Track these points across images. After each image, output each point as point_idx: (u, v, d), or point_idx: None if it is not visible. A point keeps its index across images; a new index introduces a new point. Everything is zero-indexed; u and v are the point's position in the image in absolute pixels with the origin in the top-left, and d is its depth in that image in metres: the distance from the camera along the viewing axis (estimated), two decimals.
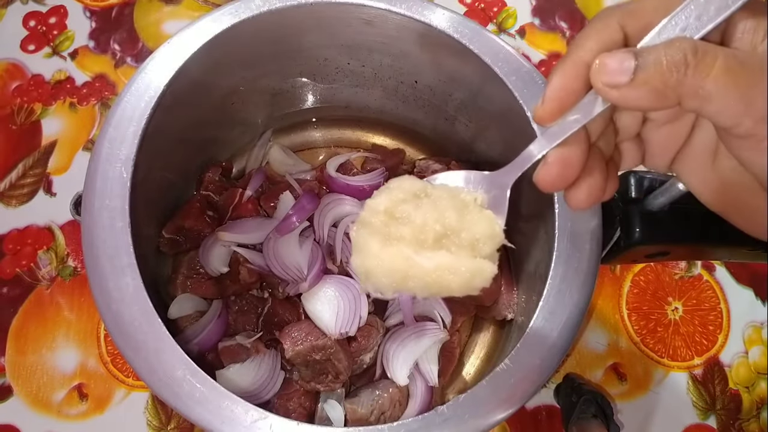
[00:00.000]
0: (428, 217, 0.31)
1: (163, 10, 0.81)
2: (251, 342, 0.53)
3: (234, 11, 0.48)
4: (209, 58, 0.48)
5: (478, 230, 0.31)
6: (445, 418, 0.39)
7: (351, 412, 0.53)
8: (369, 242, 0.31)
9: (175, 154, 0.55)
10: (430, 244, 0.31)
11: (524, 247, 0.57)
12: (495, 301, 0.58)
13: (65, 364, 0.64)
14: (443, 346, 0.57)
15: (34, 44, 0.78)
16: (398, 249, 0.31)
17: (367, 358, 0.55)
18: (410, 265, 0.30)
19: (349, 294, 0.54)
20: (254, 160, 0.65)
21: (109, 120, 0.45)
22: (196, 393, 0.39)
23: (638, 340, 0.68)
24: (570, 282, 0.43)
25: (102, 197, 0.42)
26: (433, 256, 0.31)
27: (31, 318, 0.66)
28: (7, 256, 0.68)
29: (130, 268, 0.41)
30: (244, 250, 0.56)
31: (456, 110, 0.59)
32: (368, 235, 0.31)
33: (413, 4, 0.49)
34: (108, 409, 0.63)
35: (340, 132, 0.70)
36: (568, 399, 0.62)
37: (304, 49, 0.55)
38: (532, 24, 0.83)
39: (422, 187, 0.32)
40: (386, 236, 0.31)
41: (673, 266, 0.72)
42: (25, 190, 0.71)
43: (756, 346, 0.69)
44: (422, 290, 0.31)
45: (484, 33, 0.49)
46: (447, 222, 0.31)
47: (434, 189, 0.32)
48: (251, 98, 0.60)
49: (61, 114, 0.75)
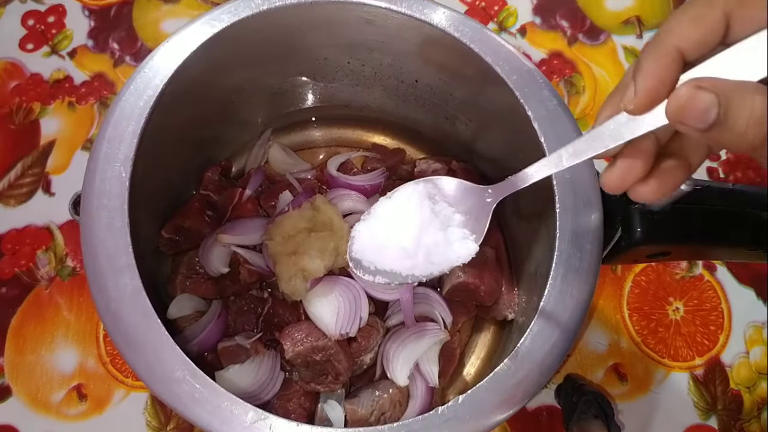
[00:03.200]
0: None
1: (162, 9, 0.81)
2: (251, 342, 0.53)
3: (233, 10, 0.48)
4: (208, 57, 0.48)
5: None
6: (446, 419, 0.39)
7: (351, 412, 0.52)
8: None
9: (175, 153, 0.55)
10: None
11: (525, 247, 0.57)
12: (496, 302, 0.58)
13: (64, 365, 0.64)
14: (444, 347, 0.57)
15: (33, 43, 0.78)
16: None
17: (367, 358, 0.55)
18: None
19: (350, 295, 0.53)
20: (254, 160, 0.65)
21: (107, 119, 0.45)
22: (196, 393, 0.38)
23: (639, 341, 0.68)
24: (571, 282, 0.43)
25: (101, 197, 0.42)
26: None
27: (30, 318, 0.65)
28: (6, 256, 0.68)
29: (129, 268, 0.41)
30: (244, 250, 0.56)
31: (456, 109, 0.59)
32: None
33: (414, 3, 0.48)
34: (107, 410, 0.63)
35: (340, 131, 0.69)
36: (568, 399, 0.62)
37: (303, 48, 0.55)
38: (533, 23, 0.83)
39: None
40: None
41: (674, 266, 0.72)
42: (24, 190, 0.71)
43: (757, 347, 0.69)
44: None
45: (484, 32, 0.49)
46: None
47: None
48: (251, 97, 0.60)
49: (60, 113, 0.74)
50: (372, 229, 0.39)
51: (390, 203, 0.39)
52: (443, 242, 0.37)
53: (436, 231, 0.37)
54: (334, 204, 0.58)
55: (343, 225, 0.55)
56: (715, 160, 0.77)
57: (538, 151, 0.47)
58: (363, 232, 0.39)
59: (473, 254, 0.37)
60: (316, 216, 0.56)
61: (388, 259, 0.38)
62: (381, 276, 0.38)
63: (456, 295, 0.58)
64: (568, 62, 0.81)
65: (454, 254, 0.38)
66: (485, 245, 0.59)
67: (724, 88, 0.24)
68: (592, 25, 0.83)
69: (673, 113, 0.25)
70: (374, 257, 0.38)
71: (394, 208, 0.39)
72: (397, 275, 0.38)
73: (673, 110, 0.25)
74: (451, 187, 0.38)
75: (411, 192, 0.39)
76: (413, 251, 0.37)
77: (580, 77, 0.80)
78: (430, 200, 0.38)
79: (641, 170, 0.30)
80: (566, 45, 0.82)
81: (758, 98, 0.23)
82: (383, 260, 0.38)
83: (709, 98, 0.24)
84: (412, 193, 0.38)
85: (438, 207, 0.38)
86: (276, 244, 0.54)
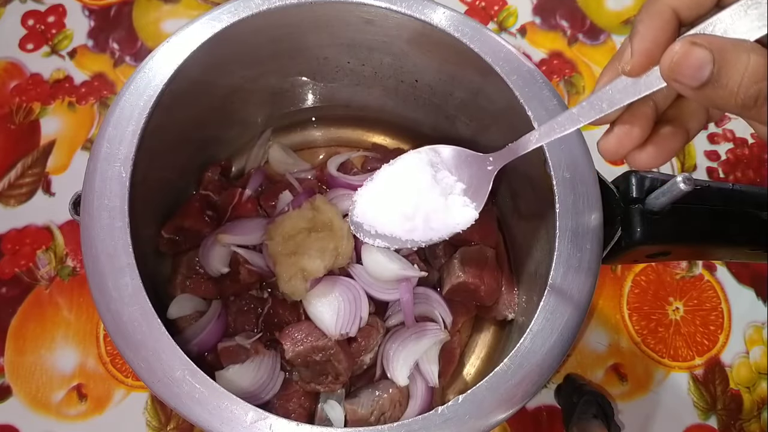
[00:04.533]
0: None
1: (162, 9, 0.81)
2: (251, 342, 0.53)
3: (233, 10, 0.48)
4: (208, 57, 0.48)
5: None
6: (446, 419, 0.39)
7: (351, 412, 0.52)
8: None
9: (175, 153, 0.55)
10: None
11: (525, 247, 0.57)
12: (495, 302, 0.58)
13: (64, 365, 0.64)
14: (443, 347, 0.57)
15: (33, 43, 0.78)
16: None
17: (367, 358, 0.55)
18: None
19: (350, 295, 0.53)
20: (254, 160, 0.65)
21: (108, 119, 0.45)
22: (196, 393, 0.38)
23: (639, 340, 0.68)
24: (571, 282, 0.43)
25: (101, 197, 0.42)
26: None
27: (30, 318, 0.65)
28: (6, 256, 0.68)
29: (129, 268, 0.41)
30: (244, 250, 0.56)
31: (456, 109, 0.59)
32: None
33: (413, 3, 0.48)
34: (107, 410, 0.63)
35: (340, 131, 0.69)
36: (568, 399, 0.62)
37: (303, 48, 0.55)
38: (533, 23, 0.83)
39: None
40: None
41: (674, 266, 0.72)
42: (24, 190, 0.71)
43: (757, 346, 0.69)
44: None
45: (484, 32, 0.49)
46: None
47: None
48: (251, 97, 0.60)
49: (60, 113, 0.74)
50: (373, 193, 0.40)
51: (392, 169, 0.40)
52: (442, 208, 0.38)
53: (436, 197, 0.38)
54: (334, 204, 0.58)
55: (343, 225, 0.55)
56: (715, 160, 0.77)
57: (538, 151, 0.47)
58: (364, 196, 0.40)
59: (472, 221, 0.38)
60: (316, 216, 0.56)
61: (387, 223, 0.39)
62: (381, 240, 0.39)
63: (456, 295, 0.58)
64: (568, 62, 0.81)
65: (453, 221, 0.38)
66: (485, 245, 0.59)
67: (720, 45, 0.24)
68: (592, 25, 0.83)
69: (667, 70, 0.25)
70: (374, 221, 0.39)
71: (396, 174, 0.40)
72: (396, 239, 0.39)
73: (667, 67, 0.25)
74: (453, 155, 0.39)
75: (412, 159, 0.39)
76: (411, 215, 0.38)
77: (580, 77, 0.80)
78: (432, 168, 0.39)
79: (638, 136, 0.30)
80: (566, 45, 0.82)
81: (753, 56, 0.24)
82: (383, 224, 0.39)
83: (704, 54, 0.24)
84: (413, 160, 0.39)
85: (440, 175, 0.39)
86: (276, 244, 0.54)
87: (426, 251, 0.61)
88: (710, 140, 0.78)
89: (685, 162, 0.77)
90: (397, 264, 0.55)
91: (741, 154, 0.77)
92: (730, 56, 0.24)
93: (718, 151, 0.78)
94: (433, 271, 0.60)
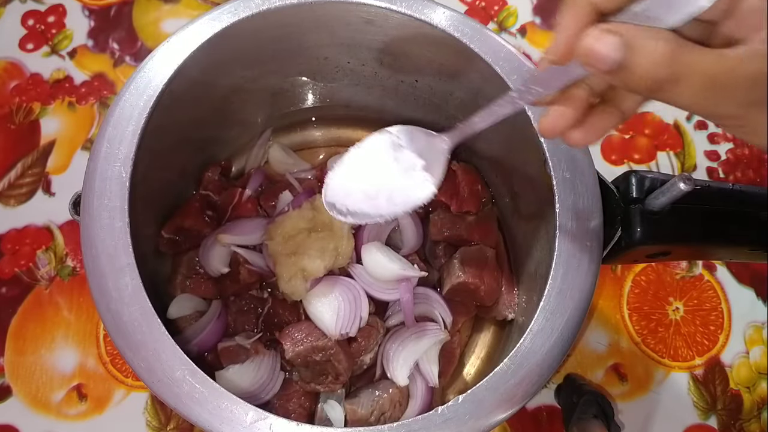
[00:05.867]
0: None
1: (162, 9, 0.81)
2: (251, 342, 0.53)
3: (233, 10, 0.48)
4: (208, 57, 0.48)
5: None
6: (446, 419, 0.39)
7: (351, 412, 0.52)
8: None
9: (175, 153, 0.55)
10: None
11: (525, 247, 0.57)
12: (495, 302, 0.58)
13: (64, 364, 0.64)
14: (443, 347, 0.57)
15: (33, 43, 0.78)
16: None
17: (367, 358, 0.55)
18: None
19: (350, 295, 0.53)
20: (254, 160, 0.65)
21: (107, 119, 0.45)
22: (196, 393, 0.38)
23: (639, 340, 0.68)
24: (571, 282, 0.43)
25: (101, 197, 0.42)
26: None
27: (30, 318, 0.65)
28: (6, 256, 0.68)
29: (129, 268, 0.41)
30: (244, 250, 0.56)
31: (456, 109, 0.59)
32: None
33: (414, 3, 0.48)
34: (107, 410, 0.63)
35: (340, 131, 0.69)
36: (568, 399, 0.62)
37: (303, 48, 0.55)
38: (533, 23, 0.83)
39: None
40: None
41: (674, 266, 0.72)
42: (24, 190, 0.71)
43: (757, 346, 0.69)
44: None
45: (484, 32, 0.49)
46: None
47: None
48: (251, 97, 0.60)
49: (60, 113, 0.74)
50: (340, 175, 0.43)
51: (356, 152, 0.43)
52: (402, 186, 0.41)
53: (395, 175, 0.41)
54: None
55: (343, 225, 0.55)
56: (714, 160, 0.77)
57: (538, 151, 0.47)
58: (334, 178, 0.43)
59: (431, 196, 0.40)
60: (316, 216, 0.56)
61: (355, 202, 0.42)
62: (352, 216, 0.42)
63: (456, 295, 0.58)
64: None
65: (414, 195, 0.41)
66: (485, 245, 0.59)
67: (630, 32, 0.26)
68: None
69: (583, 56, 0.27)
70: (344, 200, 0.42)
71: (359, 156, 0.43)
72: (366, 215, 0.42)
73: (582, 52, 0.27)
74: (411, 135, 0.43)
75: (374, 141, 0.43)
76: (374, 194, 0.41)
77: None
78: (393, 148, 0.42)
79: (572, 116, 0.32)
80: None
81: (661, 42, 0.25)
82: (352, 203, 0.42)
83: (614, 40, 0.26)
84: (375, 142, 0.43)
85: (401, 154, 0.42)
86: (276, 244, 0.54)
87: (426, 251, 0.61)
88: (710, 140, 0.78)
89: (685, 162, 0.77)
90: (397, 264, 0.55)
91: (741, 154, 0.77)
92: (639, 42, 0.26)
93: (718, 151, 0.77)
94: (433, 271, 0.60)
